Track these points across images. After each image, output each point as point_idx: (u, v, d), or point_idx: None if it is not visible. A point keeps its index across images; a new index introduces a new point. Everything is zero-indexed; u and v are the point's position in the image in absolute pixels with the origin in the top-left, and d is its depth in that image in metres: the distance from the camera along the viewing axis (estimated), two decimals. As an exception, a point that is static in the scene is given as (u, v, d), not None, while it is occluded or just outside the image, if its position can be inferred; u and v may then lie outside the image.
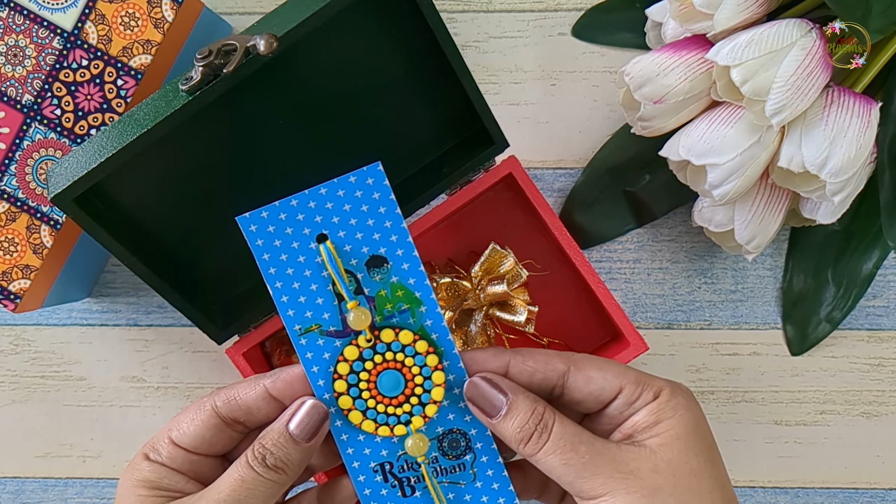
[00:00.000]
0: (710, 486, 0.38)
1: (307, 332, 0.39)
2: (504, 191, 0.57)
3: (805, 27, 0.47)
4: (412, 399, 0.40)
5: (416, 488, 0.40)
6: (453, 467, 0.40)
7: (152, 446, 0.40)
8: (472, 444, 0.40)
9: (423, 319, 0.39)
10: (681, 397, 0.39)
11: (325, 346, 0.39)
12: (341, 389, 0.39)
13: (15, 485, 0.63)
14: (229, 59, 0.40)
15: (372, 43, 0.45)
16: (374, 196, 0.39)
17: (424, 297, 0.39)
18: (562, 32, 0.62)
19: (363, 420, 0.39)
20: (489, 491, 0.41)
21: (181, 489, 0.39)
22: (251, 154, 0.46)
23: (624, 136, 0.60)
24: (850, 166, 0.47)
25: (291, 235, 0.39)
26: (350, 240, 0.39)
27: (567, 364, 0.39)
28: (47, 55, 0.54)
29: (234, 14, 0.63)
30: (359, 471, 0.40)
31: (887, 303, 0.61)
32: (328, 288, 0.39)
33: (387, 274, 0.39)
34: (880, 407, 0.61)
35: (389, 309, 0.39)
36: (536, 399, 0.39)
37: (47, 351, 0.63)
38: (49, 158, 0.54)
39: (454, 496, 0.41)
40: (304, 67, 0.45)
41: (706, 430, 0.39)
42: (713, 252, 0.62)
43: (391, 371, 0.39)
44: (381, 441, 0.40)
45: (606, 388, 0.39)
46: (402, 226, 0.39)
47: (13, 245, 0.54)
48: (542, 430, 0.38)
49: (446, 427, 0.40)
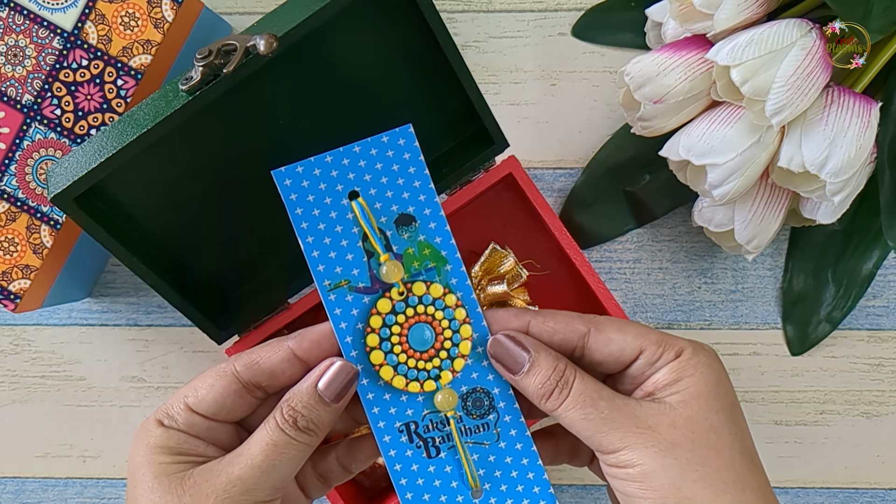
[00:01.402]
0: (729, 443, 0.37)
1: (336, 287, 0.39)
2: (504, 191, 0.57)
3: (805, 27, 0.47)
4: (441, 353, 0.40)
5: (440, 449, 0.40)
6: (478, 427, 0.41)
7: (166, 413, 0.39)
8: (496, 404, 0.41)
9: (449, 278, 0.40)
10: (702, 356, 0.39)
11: (354, 303, 0.40)
12: (373, 343, 0.39)
13: (15, 485, 0.63)
14: (229, 59, 0.40)
15: (372, 43, 0.45)
16: (404, 156, 0.40)
17: (450, 255, 0.40)
18: (562, 32, 0.62)
19: (394, 376, 0.40)
20: (513, 451, 0.41)
21: (202, 454, 0.39)
22: (251, 154, 0.46)
23: (624, 136, 0.60)
24: (850, 166, 0.47)
25: (324, 191, 0.39)
26: (380, 198, 0.40)
27: (588, 325, 0.39)
28: (47, 55, 0.54)
29: (234, 14, 0.63)
30: (384, 431, 0.40)
31: (887, 303, 0.61)
32: (358, 244, 0.40)
33: (415, 232, 0.40)
34: (880, 407, 0.61)
35: (416, 266, 0.40)
36: (558, 356, 0.39)
37: (47, 351, 0.63)
38: (49, 158, 0.54)
39: (478, 457, 0.41)
40: (303, 68, 0.45)
41: (728, 388, 0.39)
42: (713, 252, 0.62)
43: (422, 325, 0.40)
44: (407, 400, 0.40)
45: (627, 350, 0.39)
46: (430, 186, 0.40)
47: (13, 245, 0.54)
48: (564, 386, 0.38)
49: (470, 386, 0.40)
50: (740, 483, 0.37)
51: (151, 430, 0.38)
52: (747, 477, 0.37)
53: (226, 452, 0.39)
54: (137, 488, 0.38)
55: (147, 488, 0.37)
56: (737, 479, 0.37)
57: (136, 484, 0.38)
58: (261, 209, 0.48)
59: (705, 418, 0.38)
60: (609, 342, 0.39)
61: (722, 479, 0.37)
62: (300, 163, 0.39)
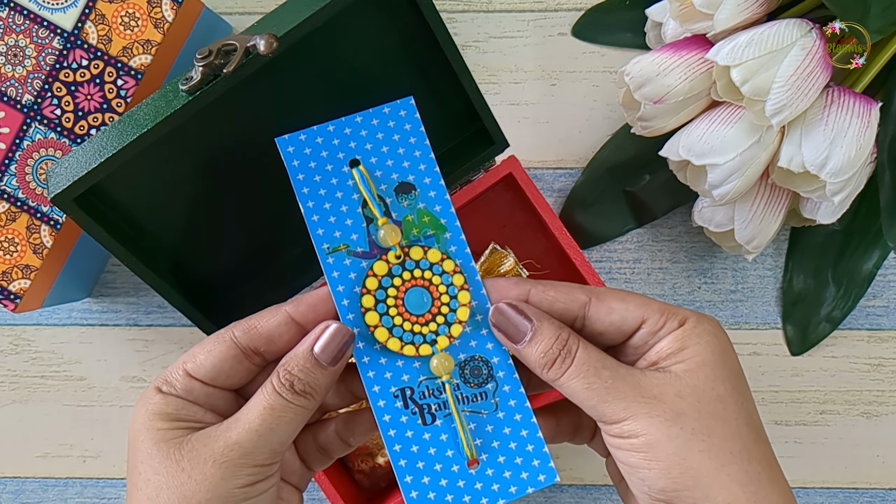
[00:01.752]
0: (735, 413, 0.37)
1: (335, 251, 0.40)
2: (504, 191, 0.57)
3: (805, 27, 0.47)
4: (438, 318, 0.40)
5: (436, 416, 0.39)
6: (475, 395, 0.40)
7: (165, 380, 0.39)
8: (494, 373, 0.40)
9: (448, 245, 0.41)
10: (706, 324, 0.38)
11: (352, 267, 0.40)
12: (369, 305, 0.39)
13: (15, 485, 0.63)
14: (229, 59, 0.40)
15: (372, 43, 0.45)
16: (405, 127, 0.41)
17: (449, 224, 0.41)
18: (562, 32, 0.62)
19: (389, 338, 0.39)
20: (512, 422, 0.40)
21: (200, 419, 0.38)
22: (251, 154, 0.46)
23: (624, 136, 0.60)
24: (850, 166, 0.47)
25: (326, 158, 0.40)
26: (381, 166, 0.41)
27: (589, 295, 0.39)
28: (47, 55, 0.54)
29: (234, 14, 0.63)
30: (379, 395, 0.39)
31: (887, 303, 0.61)
32: (358, 210, 0.40)
33: (414, 200, 0.41)
34: (880, 407, 0.61)
35: (415, 234, 0.40)
36: (561, 325, 0.38)
37: (47, 351, 0.63)
38: (49, 158, 0.54)
39: (476, 426, 0.39)
40: (303, 68, 0.45)
41: (733, 358, 0.38)
42: (713, 252, 0.62)
43: (418, 288, 0.40)
44: (403, 365, 0.40)
45: (629, 319, 0.38)
46: (431, 156, 0.41)
47: (13, 245, 0.54)
48: (566, 355, 0.38)
49: (468, 354, 0.40)
50: (746, 453, 0.36)
51: (150, 397, 0.38)
52: (753, 447, 0.37)
53: (224, 419, 0.39)
54: (137, 455, 0.38)
55: (146, 454, 0.37)
56: (742, 449, 0.36)
57: (136, 451, 0.38)
58: (261, 209, 0.48)
59: (711, 388, 0.37)
60: (611, 311, 0.38)
61: (728, 450, 0.36)
62: (303, 131, 0.40)
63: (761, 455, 0.37)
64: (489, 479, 0.39)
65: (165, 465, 0.37)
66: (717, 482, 0.36)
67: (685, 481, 0.36)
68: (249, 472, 0.37)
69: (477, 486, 0.39)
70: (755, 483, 0.36)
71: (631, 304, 0.39)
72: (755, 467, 0.36)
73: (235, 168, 0.46)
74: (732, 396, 0.37)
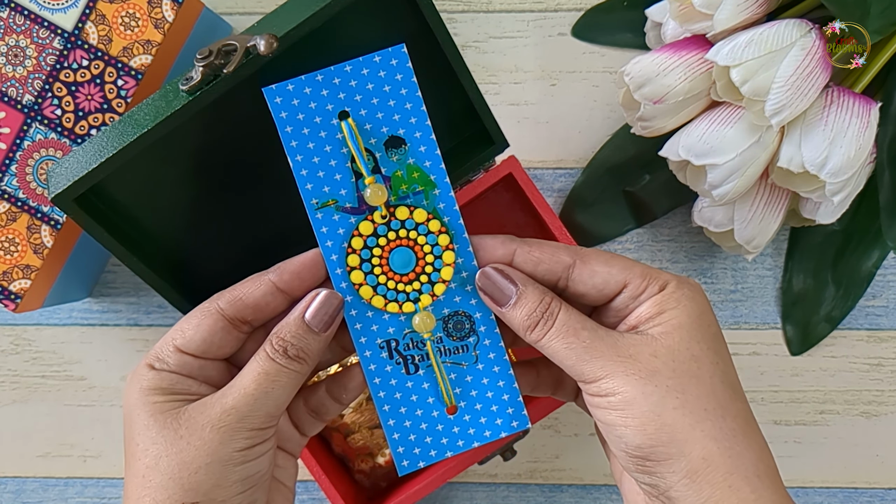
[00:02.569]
0: (710, 371, 0.37)
1: (324, 206, 0.40)
2: (504, 191, 0.57)
3: (805, 27, 0.47)
4: (422, 277, 0.41)
5: (419, 367, 0.41)
6: (457, 348, 0.42)
7: (156, 357, 0.39)
8: (476, 327, 0.41)
9: (437, 202, 0.41)
10: (686, 289, 0.39)
11: (340, 222, 0.40)
12: (354, 264, 0.40)
13: (15, 484, 0.63)
14: (229, 60, 0.40)
15: (372, 43, 0.45)
16: (396, 77, 0.40)
17: (439, 180, 0.41)
18: (562, 32, 0.62)
19: (373, 296, 0.40)
20: (490, 373, 0.42)
21: (195, 391, 0.39)
22: (251, 154, 0.46)
23: (624, 136, 0.60)
24: (850, 166, 0.47)
25: (314, 110, 0.39)
26: (371, 119, 0.40)
27: (573, 257, 0.40)
28: (48, 55, 0.54)
29: (234, 14, 0.63)
30: (365, 346, 0.41)
31: (887, 303, 0.61)
32: (347, 165, 0.40)
33: (404, 155, 0.40)
34: (880, 407, 0.61)
35: (404, 189, 0.40)
36: (545, 290, 0.39)
37: (48, 351, 0.63)
38: (49, 158, 0.54)
39: (456, 376, 0.42)
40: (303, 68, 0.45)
41: (711, 319, 0.39)
42: (713, 252, 0.62)
43: (403, 248, 0.40)
44: (389, 319, 0.41)
45: (611, 282, 0.39)
46: (422, 109, 0.40)
47: (14, 245, 0.54)
48: (549, 318, 0.39)
49: (452, 309, 0.41)
50: (720, 410, 0.37)
51: (143, 374, 0.39)
52: (728, 404, 0.37)
53: (218, 389, 0.39)
54: (134, 427, 0.38)
55: (143, 426, 0.38)
56: (717, 406, 0.37)
57: (132, 423, 0.38)
58: (261, 209, 0.48)
59: (686, 348, 0.38)
60: (593, 274, 0.39)
61: (702, 407, 0.37)
62: (290, 80, 0.39)
63: (736, 412, 0.37)
64: (466, 424, 0.42)
65: (163, 434, 0.37)
66: (692, 438, 0.36)
67: (660, 437, 0.36)
68: (246, 436, 0.38)
69: (454, 430, 0.42)
70: (729, 438, 0.36)
71: (614, 267, 0.39)
72: (730, 423, 0.37)
73: (236, 168, 0.46)
74: (707, 356, 0.38)
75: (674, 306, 0.38)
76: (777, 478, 0.37)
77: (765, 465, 0.37)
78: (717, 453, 0.36)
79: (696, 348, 0.38)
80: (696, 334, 0.38)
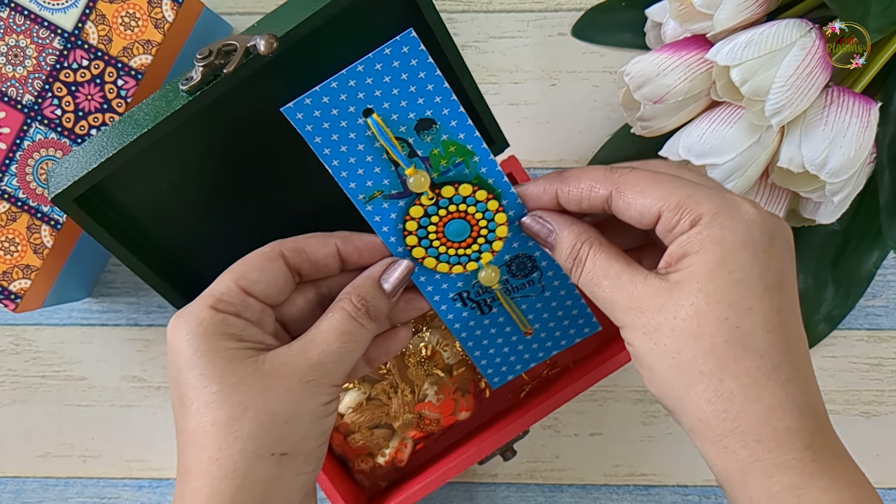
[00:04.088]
0: (713, 330, 0.35)
1: (371, 199, 0.41)
2: (504, 191, 0.57)
3: (805, 27, 0.47)
4: (479, 240, 0.43)
5: (492, 306, 0.45)
6: (523, 284, 0.45)
7: (218, 298, 0.39)
8: (538, 263, 0.44)
9: (478, 168, 0.42)
10: (716, 228, 0.36)
11: (391, 208, 0.42)
12: (412, 243, 0.42)
13: (15, 484, 0.63)
14: (229, 60, 0.40)
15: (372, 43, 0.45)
16: (412, 63, 0.39)
17: (476, 147, 0.41)
18: (562, 32, 0.62)
19: (437, 263, 0.43)
20: (557, 297, 0.46)
21: (261, 341, 0.39)
22: (251, 154, 0.46)
23: (624, 136, 0.60)
24: (850, 166, 0.47)
25: (338, 115, 0.40)
26: (396, 109, 0.40)
27: (609, 189, 0.39)
28: (48, 55, 0.54)
29: (234, 14, 0.63)
30: (440, 301, 0.44)
31: (887, 303, 0.61)
32: (383, 157, 0.41)
33: (437, 134, 0.41)
34: (880, 407, 0.61)
35: (444, 164, 0.41)
36: (579, 233, 0.40)
37: (48, 351, 0.63)
38: (49, 158, 0.54)
39: (527, 306, 0.46)
40: (304, 68, 0.45)
41: (735, 264, 0.36)
42: (713, 252, 0.62)
43: (457, 220, 0.42)
44: (456, 276, 0.44)
45: (646, 215, 0.38)
46: (445, 86, 0.40)
47: (14, 245, 0.54)
48: (578, 264, 0.40)
49: (512, 254, 0.44)
50: (718, 372, 0.35)
51: (205, 316, 0.38)
52: (730, 364, 0.35)
53: (276, 340, 0.40)
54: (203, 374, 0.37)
55: (218, 373, 0.37)
56: (715, 367, 0.35)
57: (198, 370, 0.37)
58: (261, 208, 0.48)
59: (691, 303, 0.36)
60: (628, 206, 0.38)
61: (697, 368, 0.36)
62: (307, 94, 0.39)
63: (740, 371, 0.35)
64: (543, 339, 0.47)
65: (248, 383, 0.37)
66: (687, 398, 0.36)
67: (664, 391, 0.37)
68: (329, 392, 0.39)
69: (533, 346, 0.47)
70: (726, 401, 0.35)
71: (649, 197, 0.38)
72: (728, 385, 0.35)
73: (236, 168, 0.46)
74: (714, 311, 0.35)
75: (696, 250, 0.36)
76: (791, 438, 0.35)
77: (771, 427, 0.35)
78: (711, 416, 0.36)
79: (702, 303, 0.36)
80: (708, 286, 0.36)
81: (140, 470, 0.63)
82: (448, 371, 0.54)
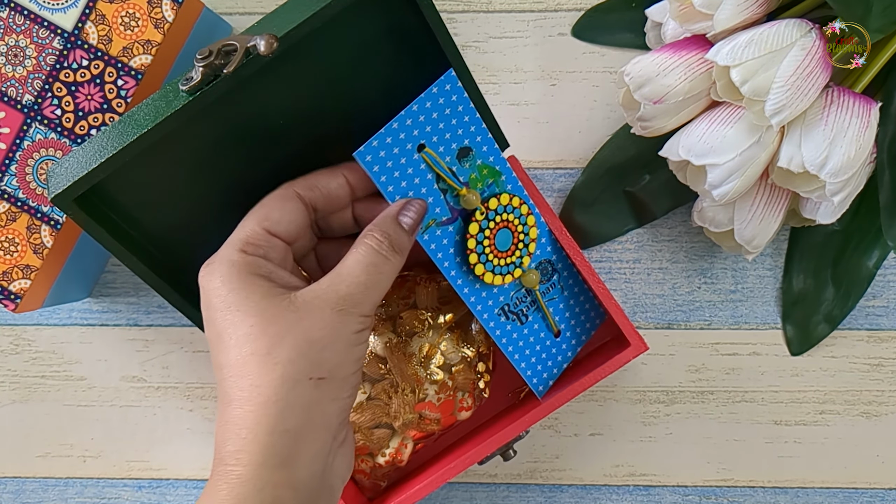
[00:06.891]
0: None
1: (426, 228, 0.46)
2: (504, 191, 0.57)
3: (805, 27, 0.47)
4: (520, 245, 0.50)
5: (528, 315, 0.52)
6: (547, 288, 0.52)
7: (246, 241, 0.41)
8: (556, 266, 0.52)
9: (506, 185, 0.49)
10: None
11: (442, 235, 0.47)
12: (474, 261, 0.48)
13: (15, 485, 0.63)
14: (229, 60, 0.40)
15: (371, 43, 0.45)
16: (452, 98, 0.46)
17: (503, 168, 0.49)
18: (562, 32, 0.62)
19: (485, 272, 0.48)
20: (572, 294, 0.53)
21: (288, 282, 0.42)
22: (251, 154, 0.46)
23: (624, 136, 0.60)
24: (850, 166, 0.47)
25: (398, 154, 0.44)
26: (441, 141, 0.46)
27: None
28: (48, 55, 0.54)
29: (234, 14, 0.63)
30: (489, 319, 0.50)
31: (887, 303, 0.61)
32: (435, 187, 0.46)
33: (473, 160, 0.47)
34: (880, 407, 0.61)
35: (480, 186, 0.48)
36: None
37: (48, 351, 0.63)
38: (49, 158, 0.54)
39: (552, 310, 0.53)
40: (304, 68, 0.45)
41: None
42: (713, 252, 0.62)
43: (503, 230, 0.49)
44: (498, 290, 0.50)
45: None
46: (478, 116, 0.47)
47: (13, 245, 0.54)
48: None
49: (536, 261, 0.52)
50: None
51: (236, 259, 0.41)
52: None
53: (301, 281, 0.42)
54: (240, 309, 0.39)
55: (255, 308, 0.39)
56: None
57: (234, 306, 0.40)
58: (261, 209, 0.48)
59: None
60: None
61: None
62: (374, 137, 0.43)
63: None
64: (568, 338, 0.54)
65: (284, 315, 0.39)
66: None
67: None
68: (359, 321, 0.41)
69: (563, 346, 0.54)
70: None
71: None
72: None
73: (236, 168, 0.46)
74: None
75: None
76: None
77: None
78: None
79: None
80: None
81: (140, 470, 0.63)
82: (448, 371, 0.54)
